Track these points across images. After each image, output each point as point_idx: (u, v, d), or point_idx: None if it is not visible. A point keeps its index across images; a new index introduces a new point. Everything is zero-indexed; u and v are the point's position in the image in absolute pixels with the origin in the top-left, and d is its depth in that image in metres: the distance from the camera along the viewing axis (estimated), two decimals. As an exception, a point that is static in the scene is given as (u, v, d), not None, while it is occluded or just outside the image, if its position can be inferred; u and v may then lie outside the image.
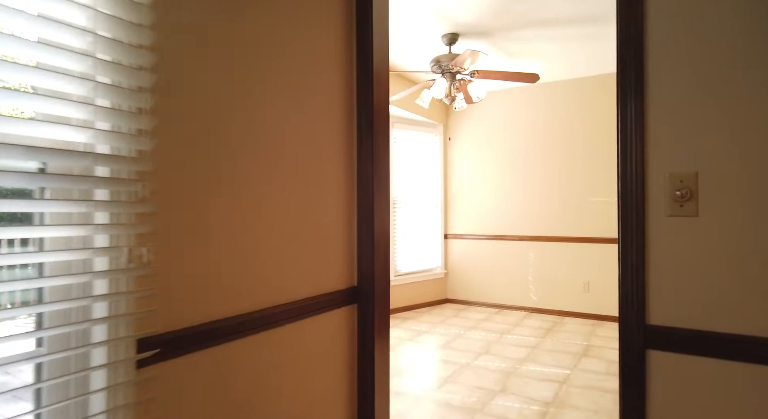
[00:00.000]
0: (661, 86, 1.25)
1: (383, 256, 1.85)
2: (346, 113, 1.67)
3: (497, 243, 5.54)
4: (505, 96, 5.51)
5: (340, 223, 1.66)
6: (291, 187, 1.39)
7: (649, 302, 1.26)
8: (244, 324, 1.21)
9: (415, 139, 5.57)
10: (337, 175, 1.63)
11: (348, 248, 1.71)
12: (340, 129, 1.64)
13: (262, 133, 1.28)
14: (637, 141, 1.27)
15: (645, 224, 1.27)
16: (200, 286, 1.10)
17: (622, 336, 1.29)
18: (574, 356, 3.72)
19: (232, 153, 1.19)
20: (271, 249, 1.31)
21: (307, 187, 1.46)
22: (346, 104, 1.67)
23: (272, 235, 1.31)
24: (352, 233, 1.72)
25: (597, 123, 4.97)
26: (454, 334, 4.38)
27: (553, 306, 5.19)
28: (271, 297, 1.31)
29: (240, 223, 1.21)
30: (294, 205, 1.40)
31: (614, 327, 4.64)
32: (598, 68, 4.75)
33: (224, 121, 1.17)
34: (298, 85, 1.41)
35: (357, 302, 1.78)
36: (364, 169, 1.73)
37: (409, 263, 5.48)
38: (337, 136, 1.62)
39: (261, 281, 1.27)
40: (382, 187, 1.82)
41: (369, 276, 1.79)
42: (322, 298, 1.55)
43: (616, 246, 4.85)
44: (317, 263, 1.53)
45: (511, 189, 5.47)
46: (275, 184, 1.33)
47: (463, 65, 3.42)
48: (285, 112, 1.36)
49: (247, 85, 1.23)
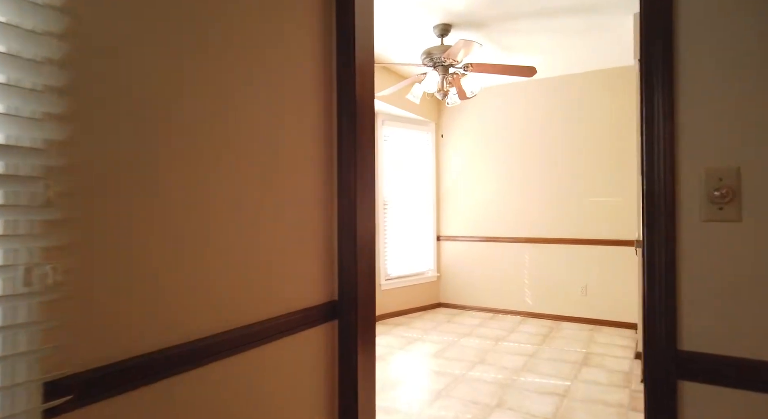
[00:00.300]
0: (696, 64, 1.05)
1: (367, 265, 1.63)
2: (323, 107, 1.45)
3: (491, 245, 5.34)
4: (500, 92, 5.32)
5: (317, 230, 1.45)
6: (254, 188, 1.17)
7: (680, 324, 1.06)
8: (189, 354, 0.99)
9: (406, 137, 5.36)
10: (313, 175, 1.41)
11: (326, 257, 1.50)
12: (317, 125, 1.42)
13: (218, 126, 1.06)
14: (666, 129, 1.07)
15: (676, 231, 1.06)
16: (130, 311, 0.87)
17: (649, 363, 1.08)
18: (574, 365, 3.53)
19: (178, 147, 0.96)
20: (228, 263, 1.09)
21: (275, 189, 1.24)
22: (324, 97, 1.46)
23: (230, 246, 1.09)
24: (331, 240, 1.51)
25: (597, 121, 4.79)
26: (447, 342, 4.17)
27: (550, 310, 5.00)
28: (227, 319, 1.09)
29: (187, 232, 0.98)
30: (259, 210, 1.18)
31: (613, 332, 4.46)
32: (599, 63, 4.56)
33: (169, 107, 0.95)
34: (263, 72, 1.19)
35: (337, 318, 1.56)
36: (345, 168, 1.52)
37: (400, 266, 5.27)
38: (313, 133, 1.40)
39: (214, 300, 1.05)
40: (366, 188, 1.60)
41: (351, 288, 1.57)
42: (295, 316, 1.33)
43: (616, 248, 4.68)
44: (289, 276, 1.31)
45: (505, 189, 5.27)
46: (234, 186, 1.10)
47: (456, 57, 3.22)
48: (246, 101, 1.14)
49: (200, 66, 1.01)
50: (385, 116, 5.08)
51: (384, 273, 5.05)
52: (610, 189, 4.71)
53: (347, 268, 1.56)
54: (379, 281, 4.99)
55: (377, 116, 5.01)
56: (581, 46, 4.05)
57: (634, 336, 4.31)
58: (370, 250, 1.64)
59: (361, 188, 1.57)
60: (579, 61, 4.46)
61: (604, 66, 4.62)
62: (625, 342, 4.11)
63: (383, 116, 5.06)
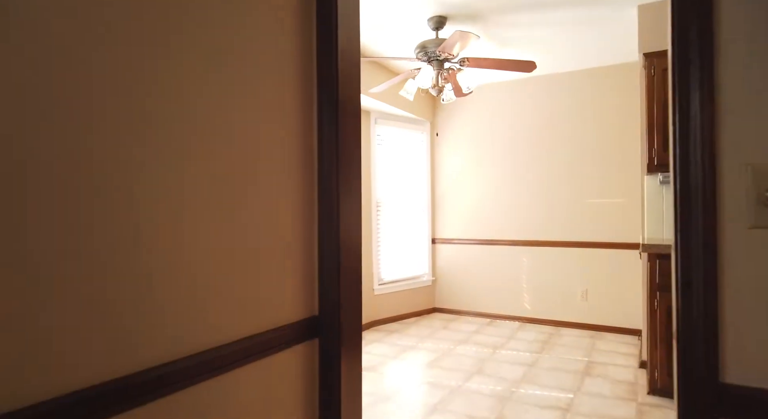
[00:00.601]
0: (744, 37, 0.87)
1: (352, 275, 1.44)
2: (301, 101, 1.27)
3: (488, 248, 5.16)
4: (498, 90, 5.15)
5: (295, 236, 1.26)
6: (218, 190, 0.98)
7: (724, 352, 0.88)
8: (133, 388, 0.80)
9: (400, 136, 5.18)
10: (290, 178, 1.22)
11: (305, 267, 1.31)
12: (293, 120, 1.23)
13: (176, 125, 0.87)
14: (705, 116, 0.89)
15: (716, 239, 0.89)
16: (58, 339, 0.68)
17: (685, 398, 0.91)
18: (576, 375, 3.35)
19: (125, 147, 0.77)
20: (180, 278, 0.89)
21: (245, 191, 1.05)
22: (302, 90, 1.27)
23: (185, 254, 0.90)
24: (310, 249, 1.32)
25: (598, 120, 4.63)
26: (443, 350, 3.99)
27: (549, 316, 4.83)
28: (182, 343, 0.90)
29: (128, 234, 0.79)
30: (221, 212, 0.99)
31: (614, 339, 4.29)
32: (601, 59, 4.40)
33: (131, 106, 0.76)
34: (230, 61, 1.00)
35: (318, 335, 1.37)
36: (327, 168, 1.33)
37: (394, 270, 5.08)
38: (288, 129, 1.21)
39: (163, 320, 0.86)
40: (351, 189, 1.41)
41: (334, 301, 1.38)
42: (267, 337, 1.14)
43: (616, 252, 4.50)
44: (260, 290, 1.12)
45: (503, 190, 5.10)
46: (195, 185, 0.91)
47: (452, 51, 3.04)
48: (204, 87, 0.95)
49: (156, 38, 0.82)
50: (378, 114, 4.89)
51: (377, 278, 4.86)
52: (611, 190, 4.55)
53: (329, 279, 1.37)
54: (372, 285, 4.80)
55: (370, 115, 4.83)
56: (583, 41, 3.88)
57: (637, 343, 4.14)
58: (355, 258, 1.45)
59: (345, 188, 1.38)
60: (580, 56, 4.29)
61: (606, 62, 4.46)
62: (628, 350, 3.94)
63: (376, 114, 4.88)
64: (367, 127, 4.80)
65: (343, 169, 1.36)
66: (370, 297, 4.78)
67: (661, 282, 2.88)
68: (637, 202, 4.41)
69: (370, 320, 4.78)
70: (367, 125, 4.79)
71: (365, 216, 4.74)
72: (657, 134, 3.13)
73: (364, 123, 4.75)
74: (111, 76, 0.78)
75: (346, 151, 1.38)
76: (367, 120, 4.79)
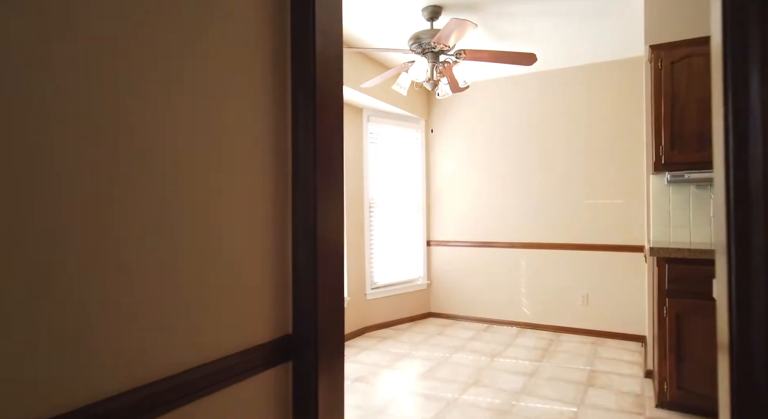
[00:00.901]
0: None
1: (333, 286, 1.25)
2: (271, 90, 1.07)
3: (485, 250, 4.98)
4: (495, 86, 4.96)
5: (265, 244, 1.07)
6: (168, 187, 0.78)
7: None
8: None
9: (393, 134, 4.99)
10: (257, 175, 1.02)
11: (277, 278, 1.12)
12: (264, 113, 1.04)
13: (110, 95, 0.67)
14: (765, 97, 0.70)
15: (784, 247, 0.70)
16: None
17: (739, 411, 0.72)
18: (578, 386, 3.17)
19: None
20: (123, 290, 0.70)
21: (205, 190, 0.85)
22: (273, 75, 1.07)
23: (123, 264, 0.70)
24: (282, 256, 1.12)
25: (601, 117, 4.46)
26: (438, 358, 3.80)
27: (549, 321, 4.64)
28: (118, 378, 0.70)
29: (53, 242, 0.59)
30: (173, 216, 0.79)
31: (617, 346, 4.11)
32: (604, 54, 4.23)
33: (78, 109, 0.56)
34: (183, 40, 0.80)
35: (292, 358, 1.17)
36: (303, 166, 1.13)
37: (387, 274, 4.88)
38: (258, 122, 1.02)
39: (99, 348, 0.66)
40: (332, 191, 1.22)
41: (310, 317, 1.18)
42: (230, 362, 0.95)
43: (618, 254, 4.31)
44: (218, 306, 0.93)
45: (500, 190, 4.92)
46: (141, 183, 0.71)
47: (448, 41, 2.85)
48: (152, 69, 0.75)
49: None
50: (370, 112, 4.70)
51: (370, 282, 4.66)
52: (612, 190, 4.37)
53: (305, 292, 1.18)
54: (364, 290, 4.60)
55: (362, 112, 4.64)
56: (585, 33, 3.71)
57: (641, 350, 3.96)
58: (336, 267, 1.26)
59: (324, 193, 1.19)
60: (582, 50, 4.12)
61: (609, 57, 4.28)
62: (632, 358, 3.76)
63: (368, 111, 4.69)
64: (359, 124, 4.60)
65: (322, 168, 1.16)
66: (363, 302, 4.59)
67: (671, 287, 2.70)
68: (639, 202, 4.24)
69: (362, 326, 4.58)
70: (359, 122, 4.59)
71: (357, 217, 4.54)
72: (665, 131, 2.96)
73: (356, 120, 4.55)
74: (77, 74, 0.58)
75: (326, 148, 1.18)
76: (359, 117, 4.60)
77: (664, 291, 2.73)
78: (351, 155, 4.47)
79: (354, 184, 4.50)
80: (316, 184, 1.15)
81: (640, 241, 4.24)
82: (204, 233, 0.87)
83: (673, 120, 2.95)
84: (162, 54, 0.79)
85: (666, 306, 2.71)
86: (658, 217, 3.26)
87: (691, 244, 2.93)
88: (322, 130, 1.17)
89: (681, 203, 3.19)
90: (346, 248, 4.37)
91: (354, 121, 4.53)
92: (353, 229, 4.48)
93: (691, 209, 3.16)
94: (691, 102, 2.92)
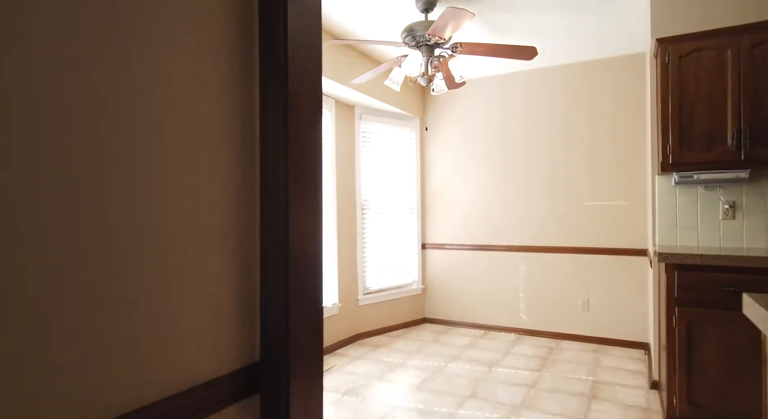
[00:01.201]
0: None
1: (310, 303, 1.06)
2: (237, 73, 0.89)
3: (482, 253, 4.81)
4: (492, 84, 4.80)
5: (226, 254, 0.88)
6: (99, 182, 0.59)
7: None
8: None
9: (387, 133, 4.81)
10: (216, 170, 0.84)
11: (239, 298, 0.93)
12: (223, 98, 0.85)
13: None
14: None
15: None
16: None
17: None
18: (581, 399, 3.00)
19: None
20: (40, 322, 0.51)
21: (149, 184, 0.66)
22: (240, 58, 0.89)
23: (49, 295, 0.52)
24: (248, 271, 0.94)
25: (602, 116, 4.30)
26: (433, 368, 3.61)
27: (548, 327, 4.48)
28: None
29: None
30: (101, 223, 0.60)
31: (619, 353, 3.95)
32: (607, 50, 4.06)
33: None
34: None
35: (261, 389, 0.99)
36: (273, 166, 0.95)
37: (380, 278, 4.70)
38: (215, 109, 0.83)
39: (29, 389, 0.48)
40: (307, 193, 1.04)
41: (281, 341, 1.00)
42: (182, 401, 0.76)
43: (621, 258, 4.14)
44: (164, 334, 0.74)
45: (498, 192, 4.75)
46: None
47: (444, 33, 2.68)
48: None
49: None
50: (363, 110, 4.52)
51: (362, 287, 4.48)
52: (614, 191, 4.21)
53: (275, 312, 1.00)
54: (356, 295, 4.42)
55: (354, 110, 4.46)
56: (587, 28, 3.54)
57: (644, 359, 3.80)
58: (312, 280, 1.07)
59: (299, 195, 1.01)
60: (584, 46, 3.95)
61: (612, 53, 4.11)
62: (636, 367, 3.59)
63: (361, 109, 4.51)
64: (351, 122, 4.42)
65: (296, 165, 0.98)
66: (355, 308, 4.40)
67: (681, 295, 2.53)
68: (641, 204, 4.09)
69: (354, 333, 4.40)
70: (351, 121, 4.42)
71: (349, 219, 4.36)
72: (672, 130, 2.80)
73: (348, 118, 4.37)
74: None
75: (300, 142, 1.00)
76: (351, 115, 4.42)
77: (674, 299, 2.56)
78: (343, 155, 4.29)
79: (346, 184, 4.32)
80: (289, 185, 0.97)
81: (643, 245, 4.08)
82: (142, 237, 0.69)
83: (681, 118, 2.79)
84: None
85: (675, 315, 2.55)
86: (663, 220, 3.09)
87: (699, 249, 2.77)
88: (295, 125, 0.99)
89: (688, 205, 3.03)
90: (337, 252, 4.18)
91: (346, 119, 4.35)
92: (345, 232, 4.30)
93: (699, 212, 3.00)
94: (700, 99, 2.76)
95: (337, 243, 4.18)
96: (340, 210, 4.24)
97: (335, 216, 4.16)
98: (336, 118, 4.21)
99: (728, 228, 2.93)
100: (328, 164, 4.12)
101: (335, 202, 4.17)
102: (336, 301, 4.14)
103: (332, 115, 4.15)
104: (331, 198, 4.15)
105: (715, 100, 2.73)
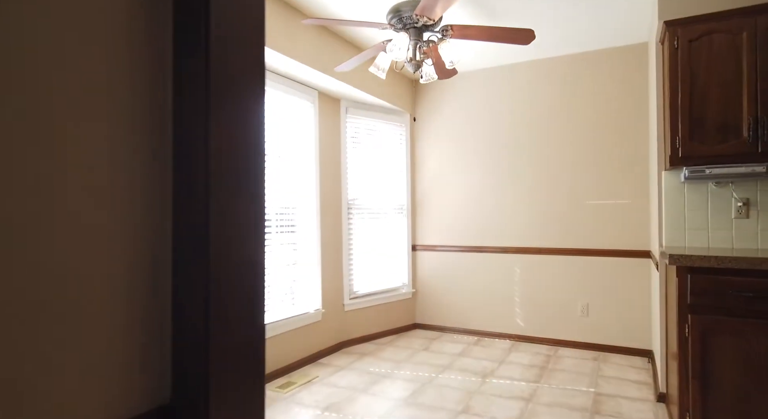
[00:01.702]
0: None
1: (245, 320, 0.79)
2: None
3: (476, 255, 4.56)
4: (486, 76, 4.56)
5: (116, 263, 0.61)
6: None
7: None
8: None
9: (375, 129, 4.55)
10: (100, 149, 0.57)
11: (139, 320, 0.66)
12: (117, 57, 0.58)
13: None
14: None
15: None
16: None
17: None
18: (583, 414, 2.75)
19: None
20: None
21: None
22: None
23: None
24: (155, 282, 0.67)
25: (601, 109, 4.07)
26: (422, 379, 3.35)
27: (545, 333, 4.23)
28: None
29: None
30: None
31: (621, 361, 3.71)
32: (607, 40, 3.83)
33: None
34: None
35: (174, 442, 0.71)
36: (187, 144, 0.68)
37: (368, 282, 4.44)
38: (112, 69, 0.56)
39: None
40: (240, 182, 0.76)
41: (199, 376, 0.72)
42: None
43: (622, 260, 3.86)
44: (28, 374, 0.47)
45: (492, 190, 4.50)
46: None
47: (432, 13, 2.43)
48: None
49: None
50: (348, 102, 4.27)
51: (348, 291, 4.22)
52: (615, 189, 3.98)
53: (191, 339, 0.72)
54: (342, 300, 4.16)
55: (339, 102, 4.20)
56: (587, 16, 3.30)
57: (648, 367, 3.57)
58: (249, 290, 0.80)
59: (227, 185, 0.74)
60: (583, 36, 3.71)
61: (613, 43, 3.87)
62: (639, 376, 3.36)
63: (346, 102, 4.25)
64: (336, 116, 4.16)
65: (220, 144, 0.71)
66: (340, 314, 4.14)
67: (694, 301, 2.29)
68: (644, 203, 3.86)
69: (339, 341, 4.13)
70: (336, 114, 4.15)
71: (334, 220, 4.09)
72: (682, 120, 2.56)
73: (332, 112, 4.11)
74: None
75: (230, 123, 0.73)
76: (336, 108, 4.16)
77: (686, 306, 2.32)
78: (328, 151, 4.03)
79: (331, 182, 4.06)
80: (210, 179, 0.70)
81: (646, 246, 3.85)
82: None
83: (692, 108, 2.56)
84: None
85: (688, 323, 2.30)
86: (671, 219, 2.86)
87: (710, 250, 2.53)
88: (224, 95, 0.72)
89: (698, 203, 2.80)
90: (321, 254, 3.91)
91: (331, 113, 4.09)
92: (330, 233, 4.03)
93: (710, 210, 2.77)
94: (712, 86, 2.53)
95: (320, 244, 3.91)
96: (325, 210, 3.98)
97: (319, 215, 3.90)
98: (320, 111, 3.95)
99: (741, 228, 2.70)
100: (311, 161, 3.85)
101: (319, 201, 3.90)
102: (319, 307, 3.87)
103: (315, 108, 3.88)
104: (314, 197, 3.88)
105: (729, 88, 2.50)
